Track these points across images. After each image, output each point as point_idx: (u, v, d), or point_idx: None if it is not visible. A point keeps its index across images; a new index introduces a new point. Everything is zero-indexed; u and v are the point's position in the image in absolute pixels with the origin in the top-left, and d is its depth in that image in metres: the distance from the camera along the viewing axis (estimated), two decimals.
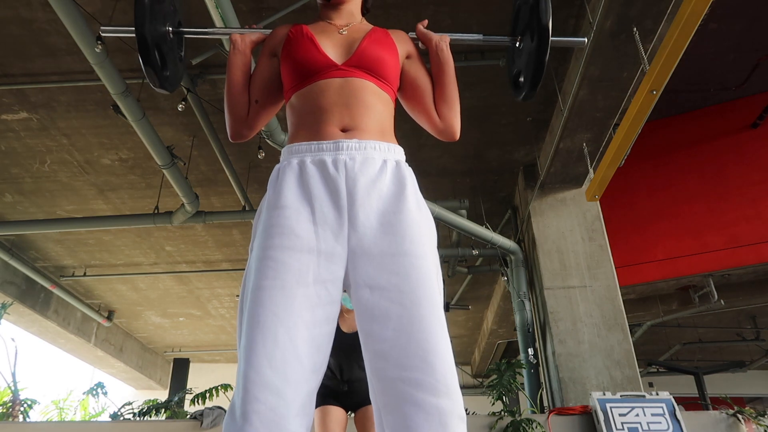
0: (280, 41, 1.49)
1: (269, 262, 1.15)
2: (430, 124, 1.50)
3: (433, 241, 1.26)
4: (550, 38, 1.49)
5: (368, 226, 1.20)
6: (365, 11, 1.62)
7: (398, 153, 1.34)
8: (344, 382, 2.81)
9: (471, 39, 1.62)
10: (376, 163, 1.26)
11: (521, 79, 1.62)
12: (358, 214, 1.20)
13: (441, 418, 1.06)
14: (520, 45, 1.62)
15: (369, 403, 2.63)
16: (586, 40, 1.69)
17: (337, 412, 2.75)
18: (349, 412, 2.84)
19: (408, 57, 1.52)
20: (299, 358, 1.09)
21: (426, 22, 1.58)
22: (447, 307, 6.81)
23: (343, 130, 1.30)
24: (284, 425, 1.04)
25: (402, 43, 1.51)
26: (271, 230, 1.20)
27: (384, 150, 1.30)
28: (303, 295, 1.13)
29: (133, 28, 1.46)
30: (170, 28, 1.59)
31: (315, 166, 1.25)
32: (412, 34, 1.57)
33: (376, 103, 1.36)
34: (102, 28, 1.63)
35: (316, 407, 2.76)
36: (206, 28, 1.68)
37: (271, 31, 1.57)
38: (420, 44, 1.57)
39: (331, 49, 1.41)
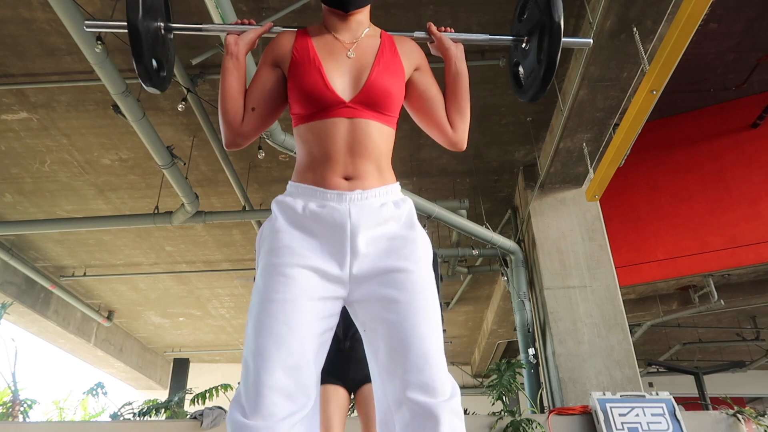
0: (285, 56, 1.45)
1: (279, 278, 1.26)
2: (441, 134, 1.52)
3: (428, 259, 1.37)
4: (562, 38, 1.46)
5: (368, 253, 1.31)
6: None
7: (395, 192, 1.42)
8: (346, 339, 2.69)
9: (477, 39, 1.62)
10: (376, 205, 1.37)
11: (528, 79, 1.60)
12: (359, 245, 1.31)
13: (433, 411, 1.18)
14: (526, 45, 1.60)
15: (370, 380, 2.56)
16: (591, 41, 1.70)
17: (338, 395, 2.61)
18: (352, 396, 2.75)
19: (417, 69, 1.51)
20: (309, 362, 1.22)
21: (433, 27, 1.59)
22: (441, 279, 6.77)
23: (347, 178, 1.37)
24: (296, 424, 1.16)
25: (409, 58, 1.49)
26: (279, 250, 1.30)
27: (383, 194, 1.39)
28: (309, 308, 1.25)
29: (121, 23, 1.40)
30: (161, 24, 1.52)
31: (319, 208, 1.34)
32: (419, 34, 1.56)
33: (380, 142, 1.41)
34: (86, 22, 1.54)
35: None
36: (199, 24, 1.59)
37: (263, 27, 1.52)
38: (432, 50, 1.58)
39: (339, 79, 1.40)
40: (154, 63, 1.49)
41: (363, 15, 1.49)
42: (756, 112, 6.61)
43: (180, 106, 4.95)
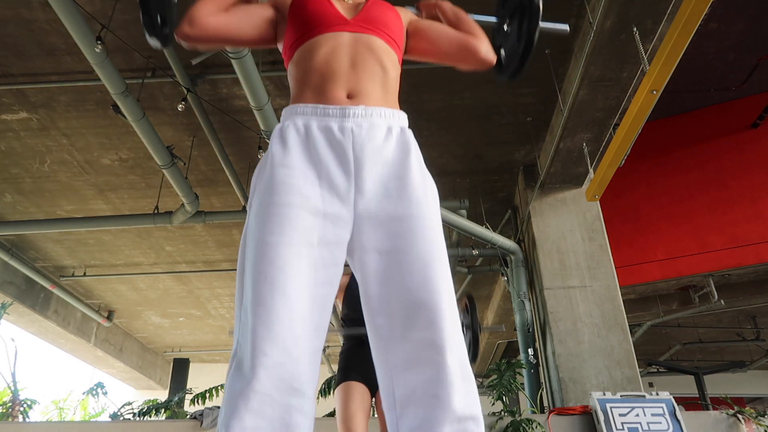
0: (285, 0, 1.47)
1: (275, 218, 1.14)
2: (469, 52, 1.47)
3: (436, 205, 1.29)
4: (540, 23, 1.53)
5: (374, 191, 1.21)
6: None
7: (402, 119, 1.34)
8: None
9: None
10: (381, 130, 1.27)
11: (508, 57, 1.66)
12: (365, 179, 1.21)
13: (446, 376, 1.07)
14: (507, 28, 1.66)
15: None
16: (567, 27, 1.73)
17: (360, 393, 2.55)
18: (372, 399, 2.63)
19: (412, 22, 1.55)
20: (304, 316, 1.09)
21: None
22: (480, 329, 6.50)
23: (349, 95, 1.29)
24: (290, 381, 1.05)
25: (403, 12, 1.55)
26: (277, 187, 1.18)
27: (389, 117, 1.30)
28: (308, 255, 1.13)
29: None
30: None
31: (321, 132, 1.24)
32: (411, 9, 1.63)
33: (385, 62, 1.36)
34: None
35: (340, 383, 2.60)
36: None
37: None
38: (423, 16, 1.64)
39: (340, 8, 1.43)
40: (159, 19, 1.49)
41: None
42: (756, 112, 6.61)
43: (180, 106, 4.95)
